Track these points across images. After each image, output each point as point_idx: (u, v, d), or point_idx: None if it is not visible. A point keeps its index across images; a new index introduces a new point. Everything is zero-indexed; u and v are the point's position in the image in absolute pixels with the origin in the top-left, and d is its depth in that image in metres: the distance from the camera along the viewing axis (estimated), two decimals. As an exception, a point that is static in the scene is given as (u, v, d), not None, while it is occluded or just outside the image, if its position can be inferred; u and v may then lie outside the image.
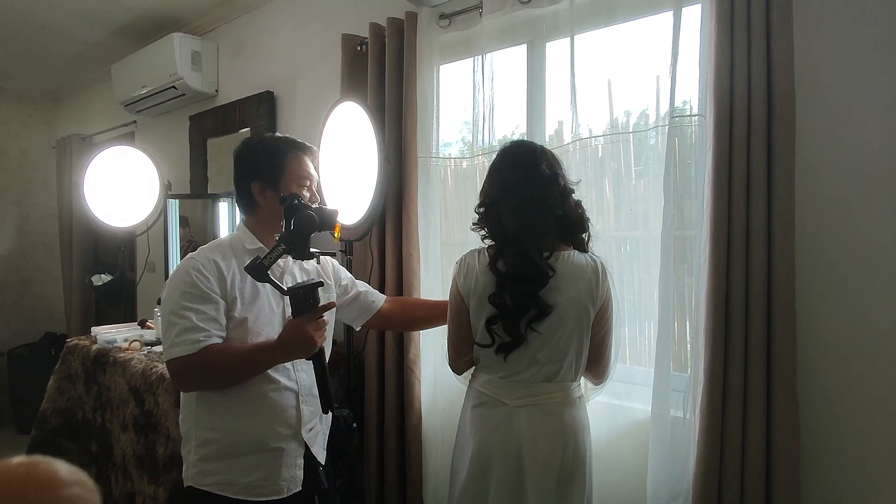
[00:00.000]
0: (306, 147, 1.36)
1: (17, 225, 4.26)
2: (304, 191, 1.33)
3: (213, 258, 1.24)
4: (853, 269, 1.29)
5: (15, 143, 4.23)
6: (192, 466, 1.22)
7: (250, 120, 2.65)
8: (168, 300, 1.20)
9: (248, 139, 1.38)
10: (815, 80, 1.31)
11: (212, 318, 1.19)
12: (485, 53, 1.75)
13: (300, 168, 1.33)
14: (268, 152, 1.32)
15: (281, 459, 1.25)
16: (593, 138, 1.61)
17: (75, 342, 2.22)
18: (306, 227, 1.23)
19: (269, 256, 1.19)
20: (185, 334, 1.16)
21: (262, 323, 1.26)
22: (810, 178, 1.31)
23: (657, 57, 1.50)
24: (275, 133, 1.39)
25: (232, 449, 1.21)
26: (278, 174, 1.30)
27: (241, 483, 1.20)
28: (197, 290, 1.18)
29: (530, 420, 1.28)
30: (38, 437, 2.11)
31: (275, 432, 1.24)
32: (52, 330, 4.19)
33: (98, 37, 3.20)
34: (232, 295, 1.22)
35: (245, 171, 1.32)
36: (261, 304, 1.27)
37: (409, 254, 1.86)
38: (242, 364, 1.21)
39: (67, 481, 0.49)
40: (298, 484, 1.28)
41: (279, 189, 1.29)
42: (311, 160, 1.37)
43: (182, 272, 1.21)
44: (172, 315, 1.17)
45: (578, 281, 1.26)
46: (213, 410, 1.22)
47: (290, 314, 1.21)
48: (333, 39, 2.16)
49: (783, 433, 1.27)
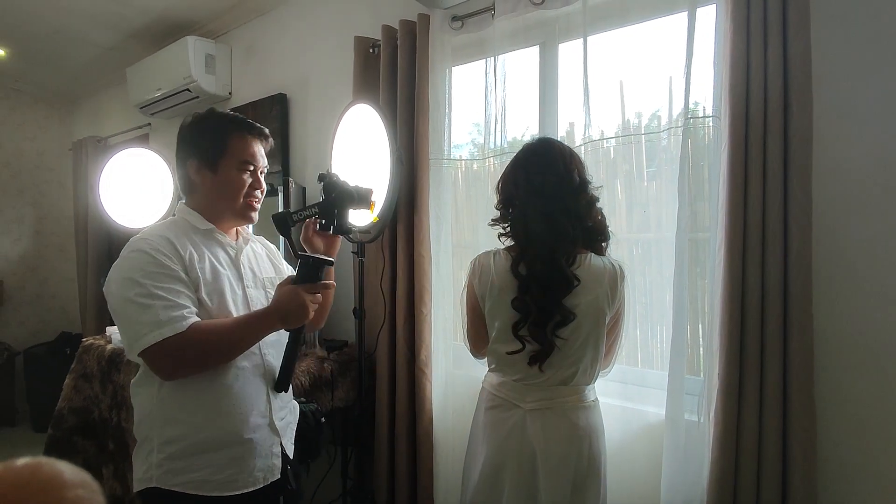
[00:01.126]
0: (256, 129, 1.24)
1: (34, 226, 4.32)
2: (246, 175, 1.21)
3: (166, 236, 1.13)
4: (872, 271, 1.27)
5: (32, 144, 4.29)
6: (157, 467, 1.11)
7: (263, 122, 2.57)
8: (127, 284, 1.07)
9: (196, 113, 1.24)
10: (832, 79, 1.29)
11: (187, 296, 1.10)
12: (497, 55, 1.75)
13: (244, 150, 1.20)
14: (210, 129, 1.20)
15: (255, 451, 1.17)
16: (605, 140, 1.61)
17: (91, 342, 2.25)
18: (345, 201, 1.24)
19: (299, 213, 1.20)
20: (168, 312, 1.05)
21: (229, 304, 1.17)
22: (827, 179, 1.30)
23: (670, 58, 1.49)
24: (225, 111, 1.27)
25: (202, 445, 1.12)
26: (218, 154, 1.18)
27: (217, 479, 1.12)
28: (163, 268, 1.09)
29: (545, 424, 1.28)
30: (55, 435, 2.14)
31: (247, 423, 1.16)
32: (67, 329, 4.25)
33: (113, 40, 3.24)
34: (193, 274, 1.13)
35: (184, 147, 1.21)
36: (223, 283, 1.18)
37: (420, 255, 1.86)
38: (237, 334, 1.12)
39: (72, 483, 0.49)
40: (276, 472, 1.22)
41: (217, 170, 1.19)
42: (263, 145, 1.25)
43: (138, 253, 1.10)
44: (141, 298, 1.05)
45: (597, 286, 1.26)
46: (176, 407, 1.12)
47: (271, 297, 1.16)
48: (346, 42, 2.17)
49: (800, 439, 1.25)
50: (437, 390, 1.87)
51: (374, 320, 2.00)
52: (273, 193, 2.32)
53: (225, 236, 1.24)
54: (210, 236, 1.21)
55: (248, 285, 1.24)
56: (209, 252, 1.18)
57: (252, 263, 1.29)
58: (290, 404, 1.32)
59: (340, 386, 1.99)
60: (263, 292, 1.27)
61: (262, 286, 1.28)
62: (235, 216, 1.24)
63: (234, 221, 1.26)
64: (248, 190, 1.22)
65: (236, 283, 1.21)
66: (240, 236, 1.29)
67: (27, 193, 4.28)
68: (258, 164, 1.24)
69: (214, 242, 1.21)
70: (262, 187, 1.26)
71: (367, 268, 2.01)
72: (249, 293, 1.23)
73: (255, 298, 1.24)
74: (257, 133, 1.24)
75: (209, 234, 1.21)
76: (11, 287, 4.20)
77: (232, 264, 1.23)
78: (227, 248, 1.23)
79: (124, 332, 1.10)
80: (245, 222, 1.27)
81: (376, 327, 1.99)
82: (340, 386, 1.99)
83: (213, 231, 1.21)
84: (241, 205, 1.22)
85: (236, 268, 1.23)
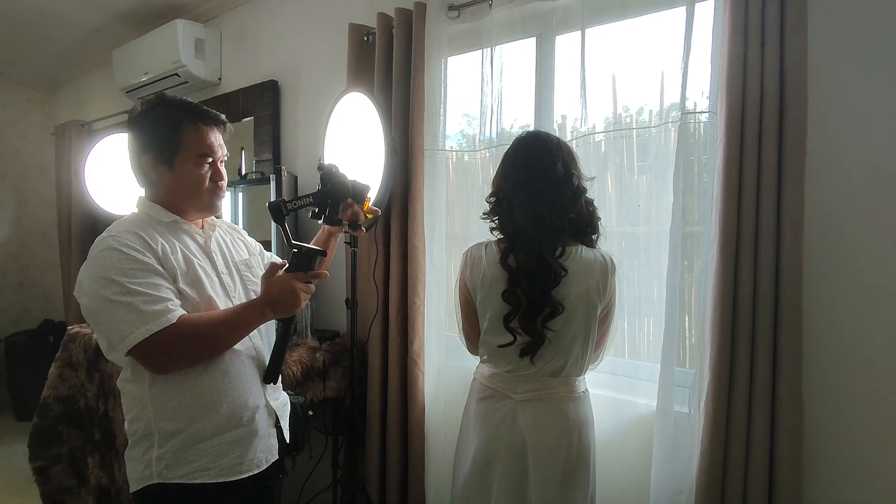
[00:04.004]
0: (211, 116, 1.17)
1: (15, 211, 4.23)
2: (205, 169, 1.16)
3: (134, 231, 1.09)
4: (862, 268, 1.29)
5: (13, 128, 4.18)
6: (158, 461, 1.08)
7: (254, 109, 2.63)
8: (102, 284, 1.03)
9: (144, 102, 1.17)
10: (828, 78, 1.31)
11: (167, 289, 1.07)
12: (494, 46, 1.74)
13: (200, 142, 1.14)
14: (161, 121, 1.13)
15: (257, 433, 1.16)
16: (596, 133, 1.61)
17: (77, 330, 2.21)
18: (339, 193, 1.23)
19: (294, 202, 1.18)
20: (151, 306, 1.02)
21: (208, 291, 1.14)
22: (821, 177, 1.32)
23: (666, 53, 1.49)
24: (176, 97, 1.18)
25: (204, 432, 1.10)
26: (173, 148, 1.12)
27: (221, 465, 1.11)
28: (138, 263, 1.04)
29: (535, 414, 1.29)
30: (41, 424, 2.11)
31: (247, 406, 1.15)
32: (50, 317, 4.18)
33: (99, 22, 3.15)
34: (169, 265, 1.09)
35: (136, 141, 1.15)
36: (198, 272, 1.14)
37: (414, 246, 1.86)
38: (228, 325, 1.10)
39: None
40: (275, 453, 1.22)
41: (173, 166, 1.13)
42: (220, 133, 1.19)
43: (108, 251, 1.05)
44: (120, 296, 1.01)
45: (587, 277, 1.27)
46: (172, 399, 1.09)
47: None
48: (339, 29, 2.14)
49: (788, 431, 1.28)
50: (429, 381, 1.87)
51: (366, 311, 2.00)
52: (265, 182, 2.29)
53: (191, 226, 1.21)
54: (176, 227, 1.18)
55: (222, 271, 1.22)
56: (179, 242, 1.15)
57: (223, 249, 1.26)
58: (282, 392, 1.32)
59: (332, 376, 1.99)
60: (239, 276, 1.26)
61: (236, 270, 1.26)
62: (200, 210, 1.21)
63: (199, 214, 1.23)
64: (210, 184, 1.18)
65: (211, 271, 1.19)
66: (205, 224, 1.26)
67: (9, 178, 4.18)
68: (216, 156, 1.18)
69: (182, 232, 1.18)
70: (224, 178, 1.21)
71: (360, 258, 2.00)
72: (224, 279, 1.21)
73: (230, 285, 1.22)
74: (212, 121, 1.17)
75: (174, 226, 1.17)
76: (-8, 273, 4.12)
77: (203, 252, 1.20)
78: (195, 237, 1.20)
79: (104, 333, 1.06)
80: (211, 214, 1.24)
81: (368, 318, 1.99)
82: (332, 376, 1.99)
83: (179, 222, 1.18)
84: (204, 200, 1.19)
85: (208, 256, 1.21)
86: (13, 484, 2.81)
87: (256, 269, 1.30)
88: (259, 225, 2.31)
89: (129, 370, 1.12)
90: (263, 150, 2.58)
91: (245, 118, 2.66)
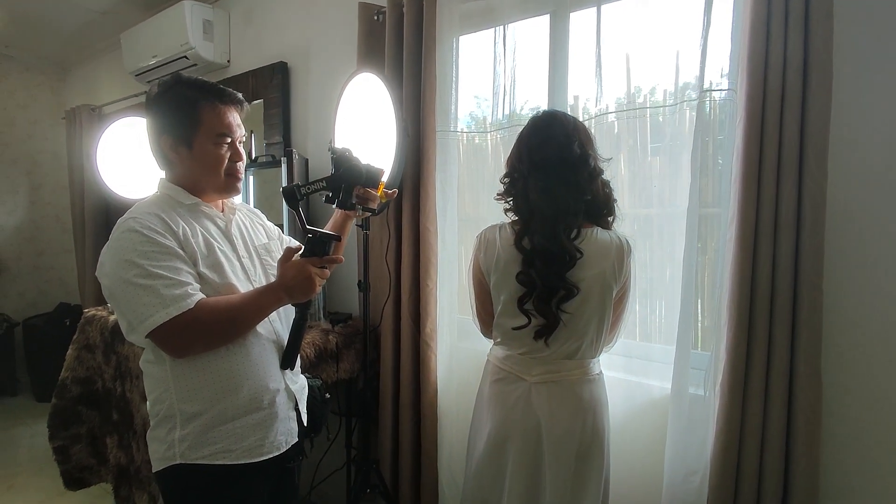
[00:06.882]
0: (228, 95, 1.17)
1: (29, 196, 4.27)
2: (224, 149, 1.16)
3: (156, 213, 1.10)
4: (885, 251, 1.27)
5: (24, 113, 4.20)
6: (181, 442, 1.09)
7: (263, 91, 2.61)
8: (123, 266, 1.04)
9: (161, 83, 1.17)
10: (854, 55, 1.27)
11: (187, 272, 1.07)
12: (507, 24, 1.70)
13: (219, 122, 1.14)
14: (179, 101, 1.13)
15: (277, 415, 1.18)
16: (609, 113, 1.58)
17: (93, 313, 2.24)
18: (353, 177, 1.24)
19: (308, 186, 1.18)
20: (172, 290, 1.03)
21: (229, 275, 1.14)
22: (844, 157, 1.28)
23: (683, 31, 1.45)
24: (192, 77, 1.19)
25: (226, 414, 1.11)
26: (191, 129, 1.13)
27: (243, 446, 1.12)
28: (159, 246, 1.05)
29: (549, 396, 1.29)
30: (60, 404, 2.15)
31: (268, 388, 1.16)
32: (66, 300, 4.24)
33: (106, 4, 3.14)
34: (190, 249, 1.09)
35: (155, 122, 1.15)
36: (219, 256, 1.15)
37: (426, 229, 1.85)
38: (245, 310, 1.11)
39: None
40: (295, 435, 1.23)
41: (193, 146, 1.13)
42: (238, 112, 1.19)
43: (130, 233, 1.06)
44: (141, 279, 1.02)
45: (603, 259, 1.25)
46: (194, 381, 1.10)
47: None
48: (349, 8, 2.11)
49: (805, 414, 1.27)
50: (441, 363, 1.87)
51: (378, 293, 2.00)
52: (276, 164, 2.29)
53: (212, 208, 1.21)
54: (197, 210, 1.18)
55: (243, 255, 1.22)
56: (199, 226, 1.16)
57: (243, 233, 1.26)
58: (301, 376, 1.33)
59: (345, 358, 2.00)
60: (259, 261, 1.26)
61: (256, 255, 1.26)
62: (219, 191, 1.21)
63: (219, 195, 1.23)
64: (229, 164, 1.18)
65: (231, 255, 1.19)
66: (226, 207, 1.26)
67: (21, 163, 4.20)
68: (235, 135, 1.18)
69: (202, 215, 1.18)
70: (243, 158, 1.21)
71: (372, 241, 2.00)
72: (245, 263, 1.21)
73: (251, 269, 1.22)
74: (229, 100, 1.17)
75: (195, 208, 1.18)
76: (8, 258, 4.17)
77: (224, 236, 1.20)
78: (216, 221, 1.21)
79: (124, 315, 1.06)
80: (230, 195, 1.24)
81: (381, 300, 1.99)
82: (345, 358, 2.00)
83: (199, 204, 1.18)
84: (223, 180, 1.18)
85: (228, 240, 1.21)
86: (35, 463, 2.88)
87: (276, 254, 1.29)
88: (269, 209, 2.31)
89: (151, 351, 1.13)
90: (273, 132, 2.57)
91: (255, 101, 2.64)
